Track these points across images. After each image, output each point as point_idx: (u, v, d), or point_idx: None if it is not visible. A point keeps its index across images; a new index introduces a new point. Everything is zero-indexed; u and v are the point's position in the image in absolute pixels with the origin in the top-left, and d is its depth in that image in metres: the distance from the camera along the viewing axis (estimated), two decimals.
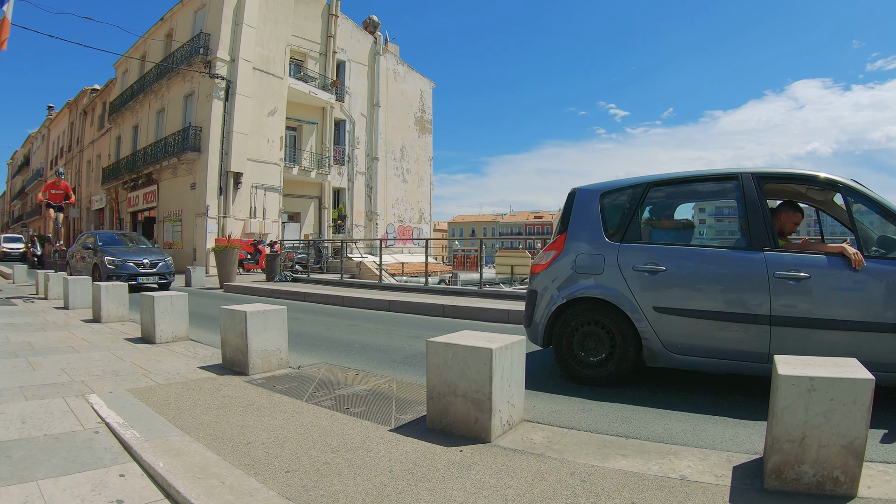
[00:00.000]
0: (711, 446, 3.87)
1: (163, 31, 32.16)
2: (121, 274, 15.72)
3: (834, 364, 3.16)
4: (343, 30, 35.13)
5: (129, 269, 16.11)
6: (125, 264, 16.12)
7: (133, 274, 16.09)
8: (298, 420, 4.30)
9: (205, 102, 27.16)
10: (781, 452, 2.99)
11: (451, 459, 3.50)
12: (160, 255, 17.40)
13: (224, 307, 6.29)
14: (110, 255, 16.25)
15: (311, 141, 33.21)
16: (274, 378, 5.74)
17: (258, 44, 28.24)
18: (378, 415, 4.50)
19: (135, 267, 16.29)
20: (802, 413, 2.93)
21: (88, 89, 47.35)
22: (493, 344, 3.91)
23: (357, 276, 23.34)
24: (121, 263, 16.07)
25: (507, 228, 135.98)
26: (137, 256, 16.63)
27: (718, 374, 5.55)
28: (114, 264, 16.00)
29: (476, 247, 15.55)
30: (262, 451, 3.63)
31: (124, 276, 15.65)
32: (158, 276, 16.81)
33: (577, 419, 4.55)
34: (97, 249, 16.78)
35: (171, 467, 3.32)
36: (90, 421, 4.22)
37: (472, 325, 9.68)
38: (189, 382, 5.50)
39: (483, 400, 3.83)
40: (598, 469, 3.37)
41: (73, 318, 10.03)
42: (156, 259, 16.88)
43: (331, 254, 26.44)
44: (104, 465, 3.42)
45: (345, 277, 21.13)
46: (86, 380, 5.53)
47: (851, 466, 2.89)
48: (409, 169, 41.55)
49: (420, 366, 6.52)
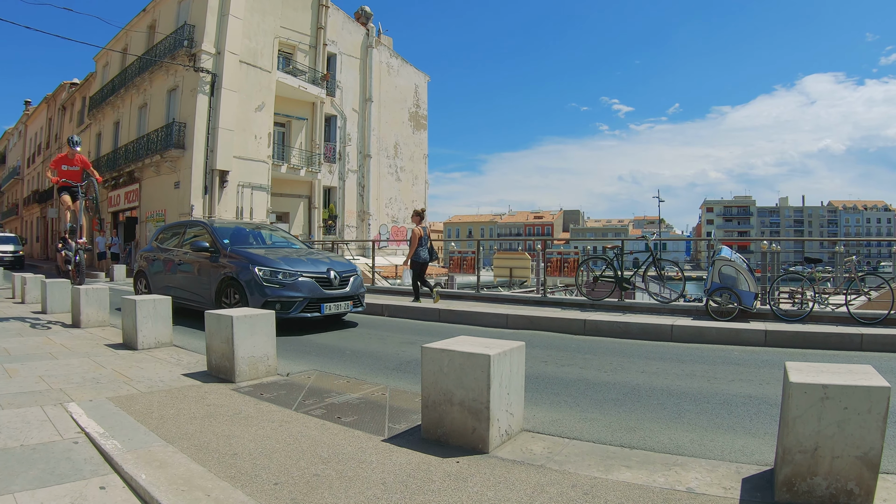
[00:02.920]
0: (720, 457, 3.87)
1: (145, 23, 32.01)
2: (293, 298, 9.59)
3: (848, 371, 3.15)
4: (334, 21, 35.05)
5: (305, 288, 9.73)
6: (298, 281, 9.71)
7: (316, 299, 9.84)
8: (287, 430, 4.27)
9: (189, 97, 27.05)
10: (793, 464, 2.98)
11: (447, 471, 3.48)
12: (346, 265, 10.98)
13: (209, 311, 6.27)
14: (263, 263, 9.79)
15: (300, 137, 33.09)
16: (262, 386, 5.72)
17: (245, 36, 28.14)
18: (371, 424, 4.48)
19: (315, 285, 9.89)
20: (815, 422, 2.92)
21: (67, 83, 47.14)
22: (491, 350, 3.90)
23: None
24: (291, 279, 9.69)
25: (506, 229, 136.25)
26: (314, 266, 10.21)
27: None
28: (278, 281, 9.60)
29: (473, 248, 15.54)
30: (249, 463, 3.60)
31: (299, 300, 9.64)
32: (352, 299, 10.54)
33: (579, 429, 4.54)
34: (224, 252, 10.31)
35: (154, 479, 3.29)
36: (69, 431, 4.19)
37: (469, 331, 9.67)
38: (173, 390, 5.47)
39: (480, 409, 3.81)
40: (601, 481, 3.35)
41: (51, 323, 9.96)
42: (343, 270, 10.57)
43: None
44: (84, 477, 3.39)
45: None
46: (64, 388, 5.49)
47: (866, 478, 2.88)
48: (403, 167, 41.50)
49: (415, 373, 6.49)
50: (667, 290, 14.68)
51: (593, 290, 12.69)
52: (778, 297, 10.62)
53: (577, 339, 9.26)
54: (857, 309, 9.82)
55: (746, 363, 7.27)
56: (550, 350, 8.22)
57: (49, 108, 50.98)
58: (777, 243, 11.91)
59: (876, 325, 8.95)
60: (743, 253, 11.34)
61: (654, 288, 13.55)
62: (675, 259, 27.87)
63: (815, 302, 9.78)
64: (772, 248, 11.79)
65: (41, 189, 49.42)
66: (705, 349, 8.29)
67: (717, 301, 10.07)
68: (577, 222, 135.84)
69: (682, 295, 12.21)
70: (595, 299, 12.05)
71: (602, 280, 12.39)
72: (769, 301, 10.27)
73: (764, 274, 11.27)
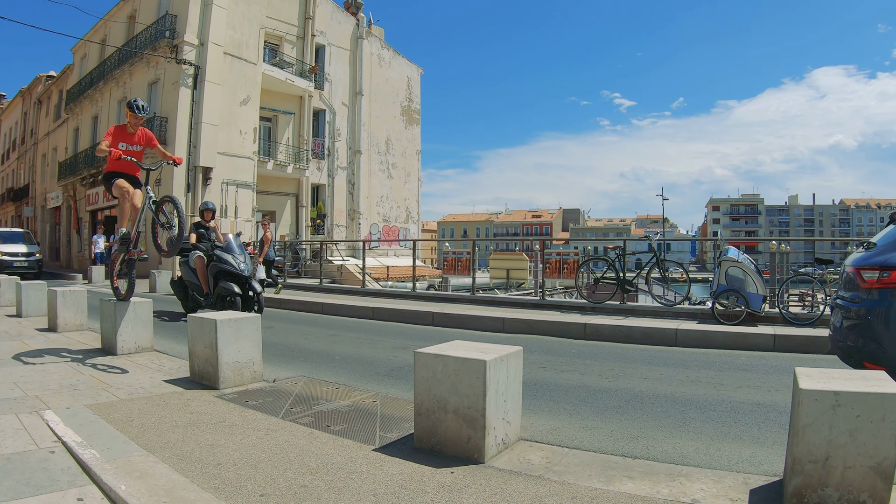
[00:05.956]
0: (726, 467, 3.87)
1: (125, 13, 31.94)
2: None
3: (861, 377, 3.15)
4: (323, 11, 34.99)
5: None
6: None
7: None
8: (274, 439, 4.26)
9: (171, 90, 26.96)
10: (803, 474, 2.98)
11: (440, 482, 3.47)
12: None
13: (192, 315, 6.25)
14: None
15: (287, 133, 33.03)
16: (247, 392, 5.70)
17: (229, 26, 28.09)
18: (361, 433, 4.47)
19: None
20: (826, 431, 2.92)
21: (43, 76, 46.98)
22: (487, 355, 3.89)
23: (338, 281, 23.30)
24: None
25: (503, 229, 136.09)
26: None
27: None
28: None
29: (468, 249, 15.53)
30: (233, 473, 3.59)
31: None
32: None
33: (579, 438, 4.53)
34: None
35: (134, 490, 3.27)
36: (45, 440, 4.16)
37: (464, 335, 9.64)
38: (154, 397, 5.45)
39: (476, 417, 3.80)
40: (603, 493, 3.35)
41: (26, 327, 9.93)
42: None
43: (309, 256, 26.38)
44: (61, 489, 3.37)
45: (324, 282, 21.10)
46: (41, 394, 5.46)
47: (880, 489, 2.88)
48: (395, 163, 41.46)
49: (407, 379, 6.48)
50: (671, 293, 14.71)
51: (594, 292, 12.69)
52: (787, 299, 10.62)
53: (577, 344, 9.27)
54: None
55: (754, 369, 7.28)
56: (549, 355, 8.23)
57: (24, 102, 50.76)
58: (786, 243, 11.87)
59: None
60: (751, 253, 11.36)
61: (657, 290, 13.58)
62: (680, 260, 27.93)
63: (827, 305, 9.75)
64: (781, 248, 11.77)
65: (16, 186, 49.26)
66: (711, 354, 8.30)
67: (723, 304, 10.09)
68: (577, 221, 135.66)
69: (687, 297, 12.22)
70: (596, 302, 12.07)
71: (603, 282, 12.42)
72: (778, 304, 10.29)
73: (773, 276, 11.27)
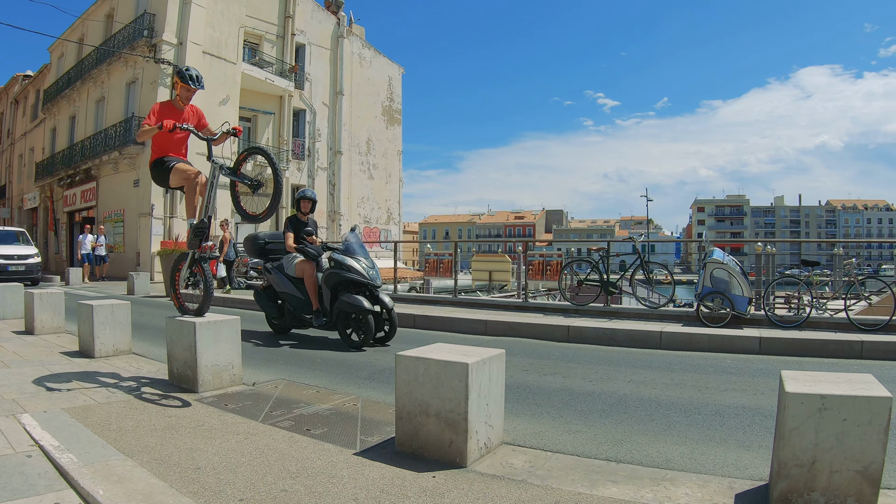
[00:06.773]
0: (711, 472, 3.87)
1: (103, 12, 31.75)
2: None
3: (847, 381, 3.16)
4: (303, 9, 34.94)
5: None
6: None
7: None
8: (253, 442, 4.23)
9: (149, 90, 26.81)
10: (789, 478, 2.98)
11: (422, 486, 3.46)
12: None
13: (170, 317, 6.21)
14: None
15: (267, 133, 32.93)
16: (226, 396, 5.66)
17: (208, 25, 28.00)
18: (341, 437, 4.44)
19: None
20: (812, 435, 2.93)
21: (20, 76, 46.75)
22: (469, 358, 3.87)
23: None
24: None
25: (485, 230, 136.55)
26: None
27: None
28: None
29: (450, 250, 15.49)
30: (213, 478, 3.55)
31: None
32: None
33: (563, 441, 4.53)
34: None
35: (112, 495, 3.24)
36: (22, 444, 4.11)
37: (447, 338, 9.65)
38: (132, 401, 5.39)
39: (458, 420, 3.79)
40: (586, 497, 3.34)
41: (2, 330, 9.82)
42: None
43: None
44: (37, 493, 3.33)
45: None
46: (17, 398, 5.39)
47: (867, 494, 2.89)
48: (376, 164, 41.46)
49: (388, 382, 6.44)
50: (655, 295, 14.72)
51: (577, 294, 12.67)
52: (773, 301, 10.64)
53: (561, 347, 9.28)
54: (856, 314, 9.85)
55: (740, 372, 7.32)
56: (532, 358, 8.23)
57: (1, 102, 50.42)
58: (772, 245, 11.91)
59: (877, 332, 8.99)
60: (736, 255, 11.42)
61: (641, 292, 13.58)
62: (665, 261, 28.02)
63: (813, 307, 9.83)
64: (766, 249, 11.80)
65: None
66: (696, 357, 8.33)
67: (708, 306, 10.13)
68: (560, 223, 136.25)
69: (672, 300, 12.23)
70: (579, 304, 12.08)
71: (587, 284, 12.42)
72: (764, 306, 10.32)
73: (758, 277, 11.29)
